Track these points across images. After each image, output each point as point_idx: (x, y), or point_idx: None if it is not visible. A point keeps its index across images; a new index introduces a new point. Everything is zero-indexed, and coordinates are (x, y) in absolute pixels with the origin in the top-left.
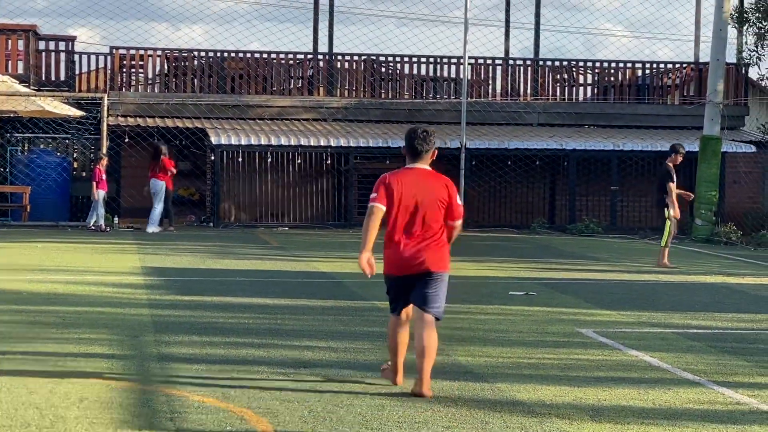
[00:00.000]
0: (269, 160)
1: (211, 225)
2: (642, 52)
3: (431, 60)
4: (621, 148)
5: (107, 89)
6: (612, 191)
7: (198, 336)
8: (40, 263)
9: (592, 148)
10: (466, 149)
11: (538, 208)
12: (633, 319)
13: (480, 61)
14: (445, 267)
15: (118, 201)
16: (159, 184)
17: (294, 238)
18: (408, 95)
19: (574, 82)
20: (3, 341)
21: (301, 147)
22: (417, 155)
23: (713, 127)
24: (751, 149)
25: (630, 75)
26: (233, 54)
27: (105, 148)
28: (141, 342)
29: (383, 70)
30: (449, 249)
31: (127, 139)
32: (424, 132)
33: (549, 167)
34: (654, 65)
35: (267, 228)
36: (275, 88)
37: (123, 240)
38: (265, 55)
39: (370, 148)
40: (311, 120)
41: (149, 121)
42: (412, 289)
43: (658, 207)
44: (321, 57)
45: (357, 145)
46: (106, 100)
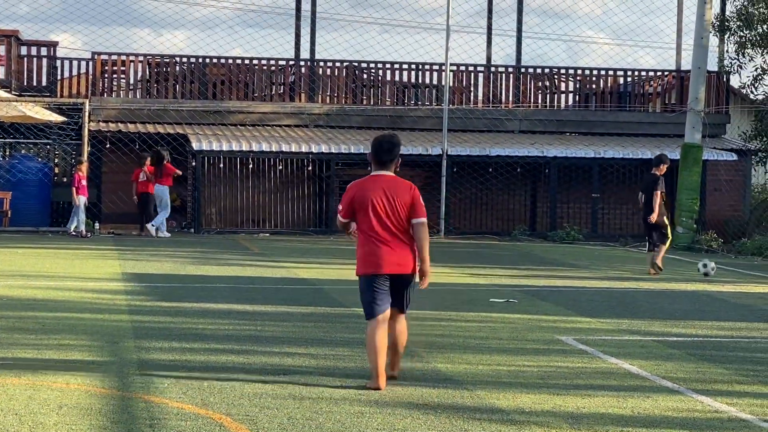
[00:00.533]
0: (250, 166)
1: (192, 231)
2: (624, 59)
3: (413, 67)
4: (602, 155)
5: (89, 95)
6: (593, 198)
7: (178, 342)
8: (20, 269)
9: (573, 155)
10: (447, 156)
11: (519, 215)
12: (613, 327)
13: (462, 68)
14: (414, 268)
15: (99, 206)
16: (164, 189)
17: (275, 244)
18: (390, 102)
19: (555, 89)
20: None
21: (283, 153)
22: (382, 164)
23: (694, 135)
24: (733, 157)
25: (612, 82)
26: (215, 60)
27: (86, 153)
28: (121, 348)
29: (365, 76)
30: (415, 251)
31: (109, 145)
32: (388, 143)
33: (530, 174)
34: (636, 73)
35: (248, 234)
36: (257, 94)
37: (103, 246)
38: (247, 61)
39: (351, 154)
40: (293, 126)
41: (130, 127)
42: (387, 290)
43: (646, 215)
44: (303, 63)
45: (338, 152)
46: (87, 105)
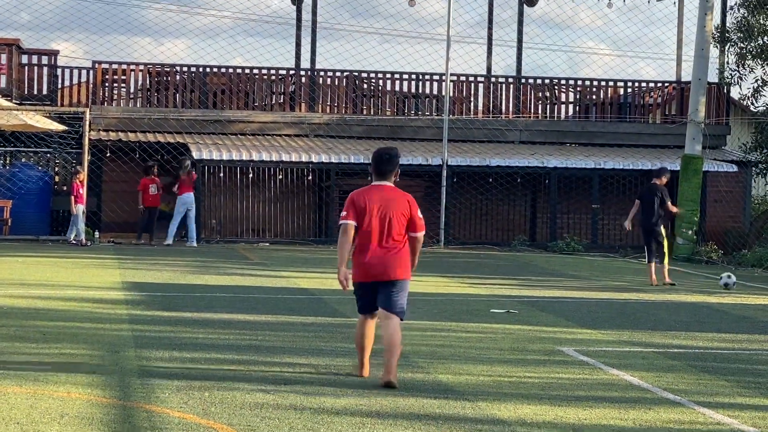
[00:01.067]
0: (250, 175)
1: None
2: (625, 70)
3: (413, 77)
4: (602, 166)
5: (89, 103)
6: (593, 209)
7: (179, 352)
8: (20, 277)
9: (573, 165)
10: (447, 166)
11: (519, 225)
12: (614, 338)
13: (462, 79)
14: (407, 275)
15: (99, 215)
16: (191, 197)
17: (275, 253)
18: (390, 112)
19: (556, 100)
20: None
21: (283, 163)
22: (382, 175)
23: (695, 146)
24: (733, 168)
25: (612, 93)
26: (215, 69)
27: (86, 162)
28: (121, 358)
29: (365, 86)
30: (410, 258)
31: (109, 154)
32: (387, 155)
33: (530, 185)
34: (636, 84)
35: (248, 243)
36: (257, 103)
37: (104, 255)
38: (248, 71)
39: (351, 164)
40: (293, 136)
41: (131, 136)
42: (377, 294)
43: (655, 227)
44: (303, 73)
45: (338, 161)
46: (88, 114)
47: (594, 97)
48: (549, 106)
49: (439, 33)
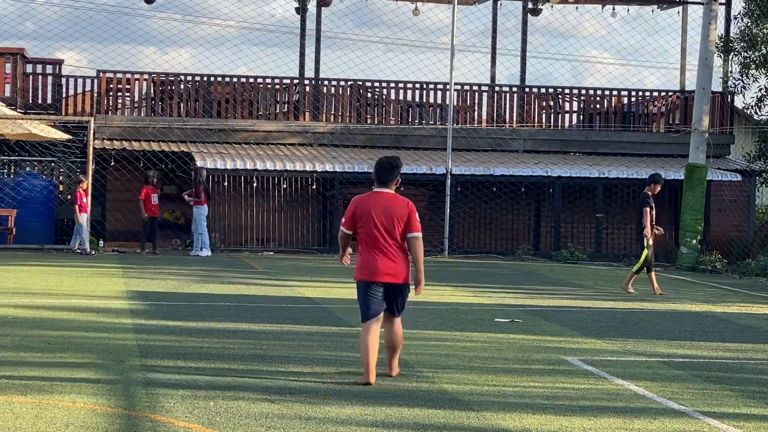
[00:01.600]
0: (255, 184)
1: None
2: (629, 80)
3: (417, 86)
4: (606, 175)
5: (93, 112)
6: (597, 218)
7: (183, 361)
8: (25, 286)
9: (577, 175)
10: (451, 175)
11: (523, 234)
12: (618, 347)
13: (466, 88)
14: (406, 278)
15: (103, 224)
16: (204, 209)
17: (279, 262)
18: (394, 121)
19: (559, 109)
20: None
21: (287, 172)
22: (383, 183)
23: (699, 155)
24: (737, 177)
25: (616, 102)
26: (219, 78)
27: (91, 171)
28: (126, 367)
29: (369, 95)
30: (414, 263)
31: (113, 163)
32: (389, 164)
33: (534, 194)
34: (640, 93)
35: (252, 252)
36: (261, 112)
37: (108, 264)
38: (252, 80)
39: (355, 173)
40: (297, 145)
41: (135, 145)
42: (381, 296)
43: (638, 236)
44: (307, 82)
45: (342, 170)
46: (92, 123)
47: (598, 106)
48: (553, 115)
49: (443, 42)
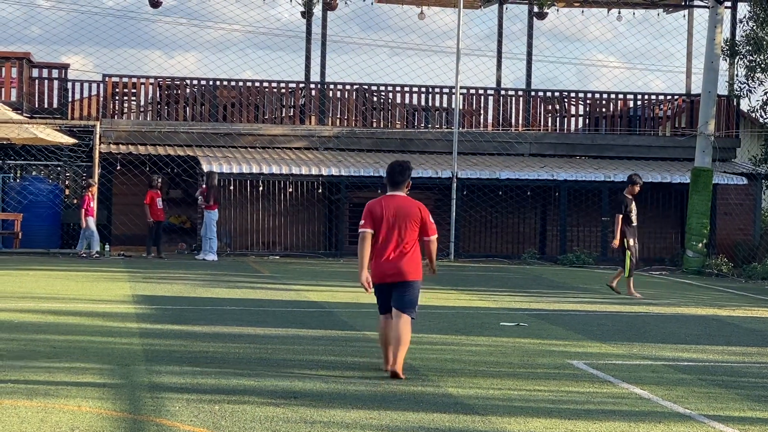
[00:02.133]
0: (260, 188)
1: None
2: (634, 83)
3: (423, 90)
4: (612, 179)
5: (99, 117)
6: (603, 222)
7: (189, 365)
8: (31, 291)
9: (583, 178)
10: (457, 179)
11: (529, 238)
12: (624, 351)
13: (472, 91)
14: (418, 276)
15: (109, 228)
16: (215, 213)
17: (285, 266)
18: (400, 124)
19: (565, 112)
20: None
21: (293, 176)
22: (395, 185)
23: (704, 159)
24: (743, 181)
25: (621, 106)
26: (225, 82)
27: (97, 175)
28: (132, 371)
29: (375, 99)
30: (427, 261)
31: (119, 167)
32: (400, 167)
33: (540, 197)
34: (645, 96)
35: (258, 256)
36: (267, 116)
37: (114, 268)
38: (257, 84)
39: (361, 177)
40: (303, 149)
41: (141, 149)
42: (390, 294)
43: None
44: (313, 86)
45: (348, 174)
46: (98, 127)
47: (604, 110)
48: (559, 118)
49: (449, 46)
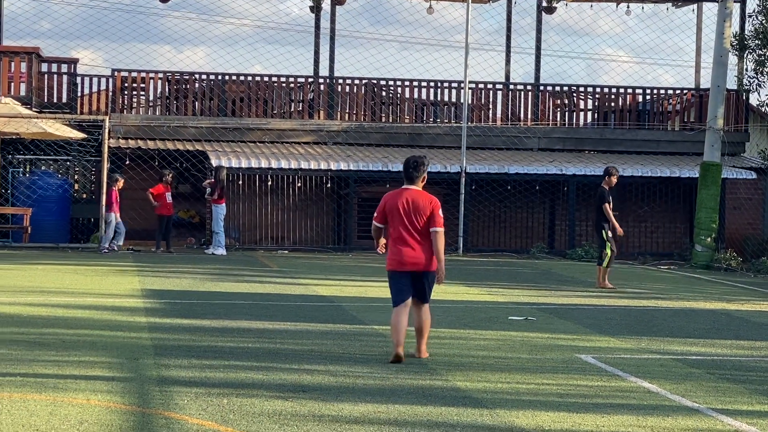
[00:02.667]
0: (269, 183)
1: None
2: (643, 77)
3: (432, 84)
4: (621, 173)
5: (108, 111)
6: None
7: (197, 359)
8: (40, 285)
9: (592, 173)
10: (466, 173)
11: (537, 233)
12: (632, 345)
13: (480, 86)
14: (433, 267)
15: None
16: (223, 208)
17: (294, 261)
18: (408, 119)
19: (574, 107)
20: (3, 363)
21: (301, 170)
22: (410, 180)
23: (714, 153)
24: (752, 175)
25: (630, 100)
26: (234, 77)
27: (105, 170)
28: (140, 365)
29: (384, 93)
30: (435, 252)
31: (128, 161)
32: (415, 162)
33: (549, 192)
34: (654, 91)
35: (267, 251)
36: (276, 111)
37: (123, 262)
38: (266, 78)
39: (370, 171)
40: (311, 143)
41: (150, 144)
42: (409, 284)
43: (596, 230)
44: (322, 80)
45: (357, 169)
46: (107, 122)
47: (612, 104)
48: (567, 113)
49: (458, 41)
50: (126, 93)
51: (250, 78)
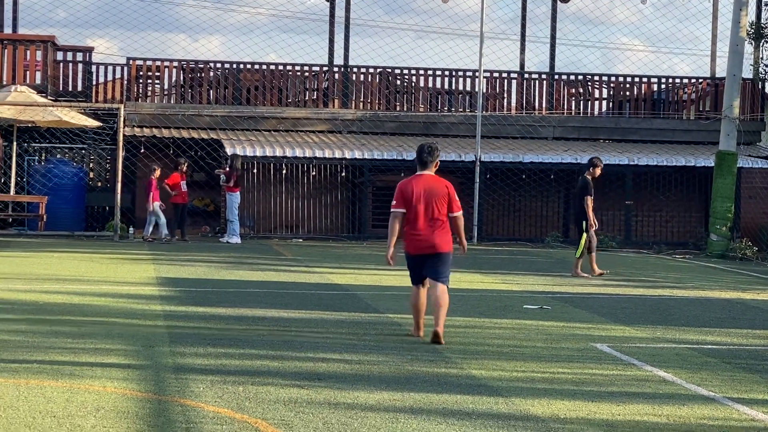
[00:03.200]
0: (284, 171)
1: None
2: (659, 66)
3: (447, 73)
4: (636, 162)
5: (123, 100)
6: (626, 206)
7: (212, 347)
8: (56, 273)
9: (606, 162)
10: (480, 162)
11: (552, 221)
12: (647, 334)
13: (495, 75)
14: (449, 248)
15: (133, 211)
16: (237, 196)
17: (308, 249)
18: (423, 108)
19: (589, 96)
20: (20, 350)
21: (316, 159)
22: (424, 165)
23: (729, 143)
24: None
25: (645, 89)
26: (249, 66)
27: (120, 158)
28: (156, 352)
29: (398, 82)
30: (455, 236)
31: (143, 150)
32: (429, 147)
33: (563, 181)
34: (670, 80)
35: (281, 239)
36: (290, 99)
37: (138, 250)
38: (281, 67)
39: (384, 160)
40: (326, 132)
41: (165, 132)
42: (424, 265)
43: (576, 220)
44: (336, 69)
45: (372, 158)
46: (122, 110)
47: (627, 94)
48: (582, 102)
49: (473, 29)
50: (141, 81)
51: (264, 66)
